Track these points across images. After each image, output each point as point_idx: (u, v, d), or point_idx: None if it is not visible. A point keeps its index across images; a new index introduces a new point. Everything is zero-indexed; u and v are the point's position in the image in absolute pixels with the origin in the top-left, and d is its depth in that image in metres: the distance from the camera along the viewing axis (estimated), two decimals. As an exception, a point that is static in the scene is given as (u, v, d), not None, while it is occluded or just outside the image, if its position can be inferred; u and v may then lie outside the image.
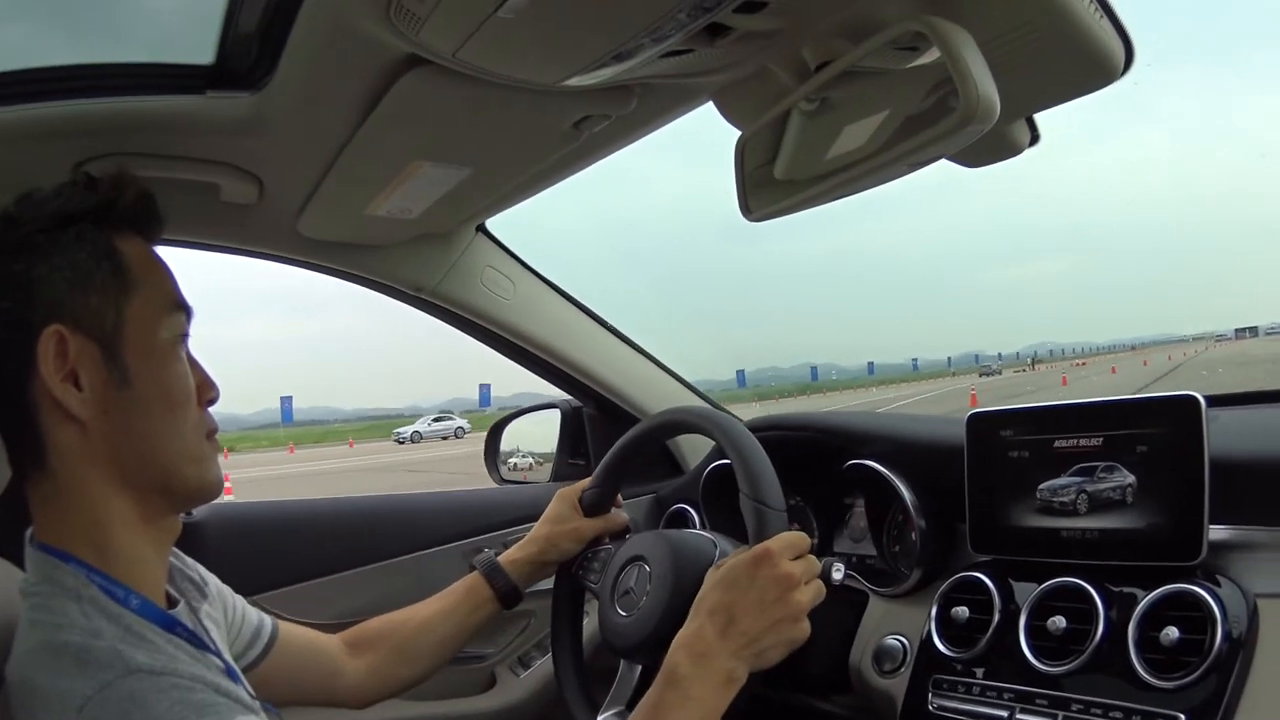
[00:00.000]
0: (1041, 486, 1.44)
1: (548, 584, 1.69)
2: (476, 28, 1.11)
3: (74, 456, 1.04)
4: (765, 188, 1.34)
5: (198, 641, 1.08)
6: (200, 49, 1.42)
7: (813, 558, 1.29)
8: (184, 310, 1.13)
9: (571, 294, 2.32)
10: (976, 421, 1.55)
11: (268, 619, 1.48)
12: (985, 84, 0.98)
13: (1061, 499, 1.42)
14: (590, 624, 1.73)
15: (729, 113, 1.39)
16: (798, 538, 1.29)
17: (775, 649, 1.24)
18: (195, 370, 1.14)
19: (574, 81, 1.26)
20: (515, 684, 2.20)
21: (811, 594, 1.26)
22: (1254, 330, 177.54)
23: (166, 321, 1.10)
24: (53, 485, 1.05)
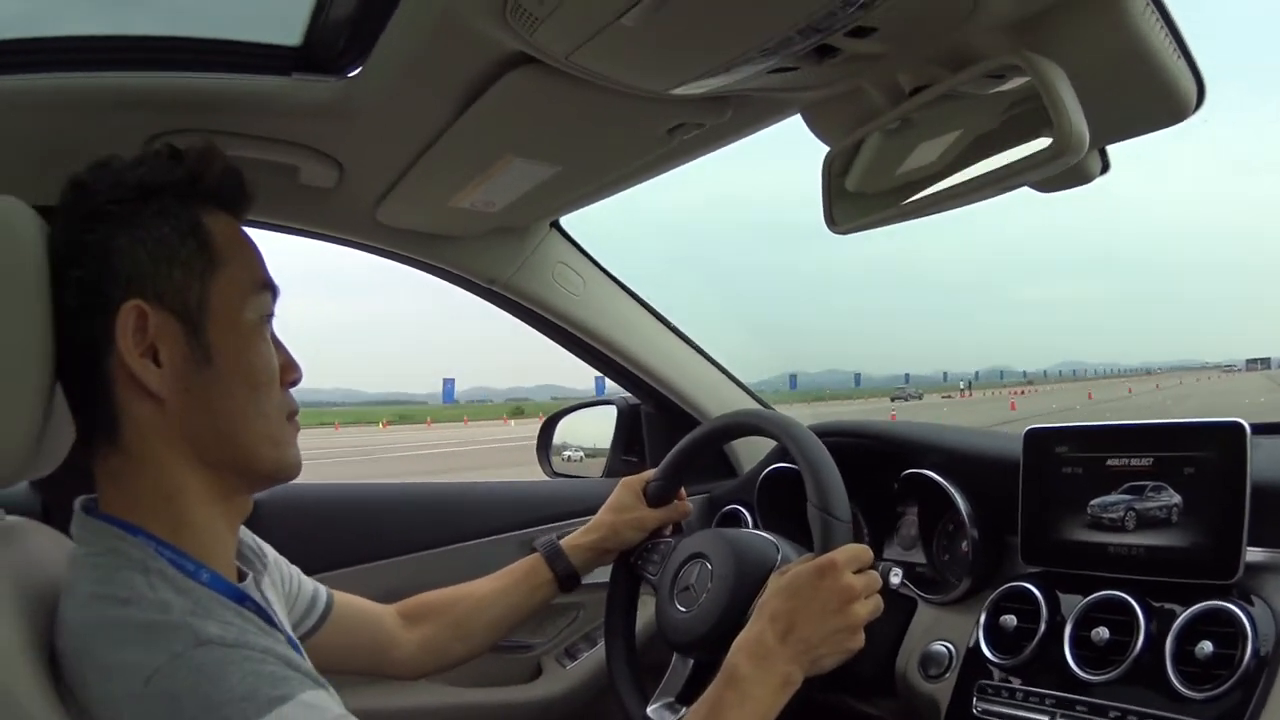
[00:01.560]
0: (1093, 503, 1.49)
1: (597, 576, 1.72)
2: (595, 33, 1.13)
3: (150, 432, 1.03)
4: (850, 202, 1.39)
5: (266, 616, 1.07)
6: (288, 30, 1.42)
7: (874, 573, 1.34)
8: (270, 290, 1.11)
9: (638, 294, 2.35)
10: (1034, 437, 1.59)
11: (323, 589, 1.49)
12: (1078, 118, 1.04)
13: (1111, 515, 1.47)
14: (642, 616, 1.75)
15: (818, 128, 1.44)
16: (862, 551, 1.34)
17: (831, 657, 1.30)
18: (279, 351, 1.12)
19: (679, 90, 1.30)
20: (561, 675, 2.22)
21: (870, 608, 1.32)
22: (1266, 362, 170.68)
23: (252, 301, 1.08)
24: (124, 459, 1.03)
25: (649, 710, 1.56)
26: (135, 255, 1.02)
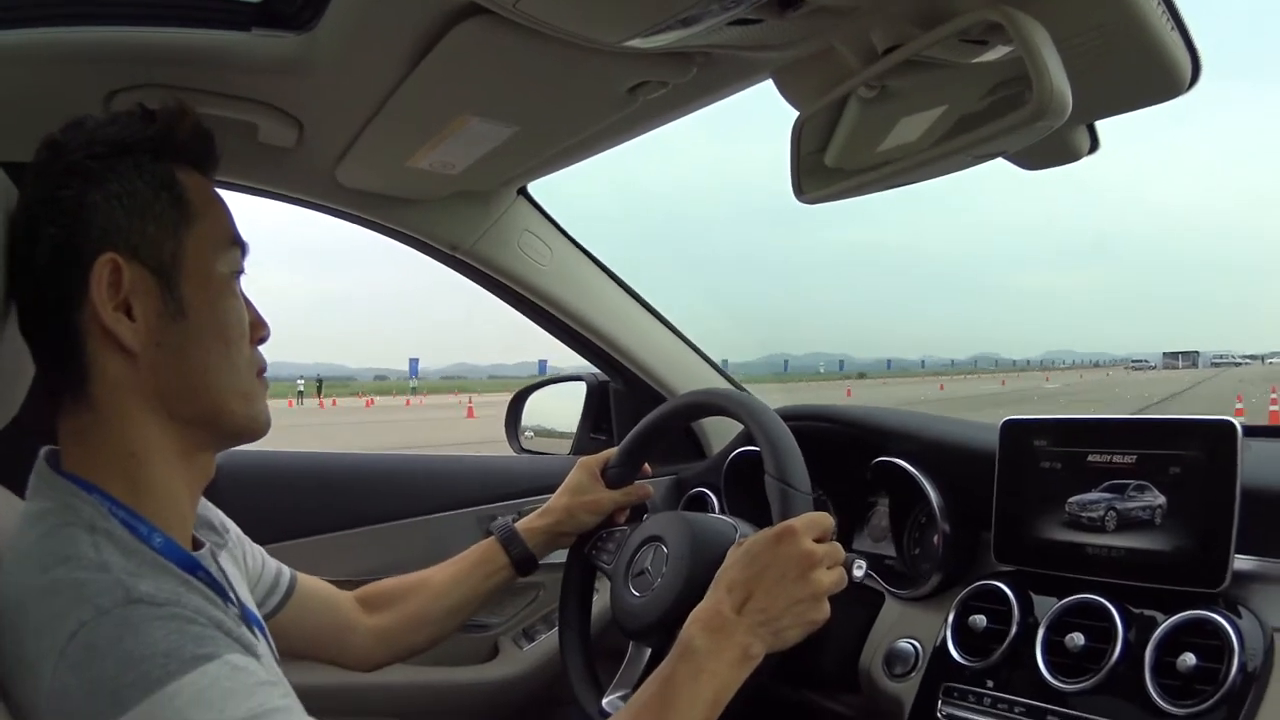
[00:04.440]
0: (1071, 500, 1.42)
1: (558, 557, 1.67)
2: None
3: (119, 387, 1.02)
4: (819, 171, 1.32)
5: (219, 588, 1.05)
6: (248, -17, 1.41)
7: (836, 544, 1.27)
8: (240, 246, 1.12)
9: (609, 267, 2.30)
10: (1011, 429, 1.52)
11: (286, 569, 1.47)
12: (1060, 80, 0.97)
13: (1090, 514, 1.40)
14: (599, 602, 1.70)
15: (788, 92, 1.37)
16: (821, 518, 1.27)
17: (794, 629, 1.21)
18: (249, 309, 1.13)
19: (636, 43, 1.23)
20: (518, 656, 2.19)
21: (834, 578, 1.23)
22: (1191, 357, 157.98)
23: (224, 256, 1.09)
24: (92, 416, 1.02)
25: (604, 702, 1.50)
26: (110, 210, 1.02)
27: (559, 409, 2.60)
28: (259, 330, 1.14)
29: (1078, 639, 1.32)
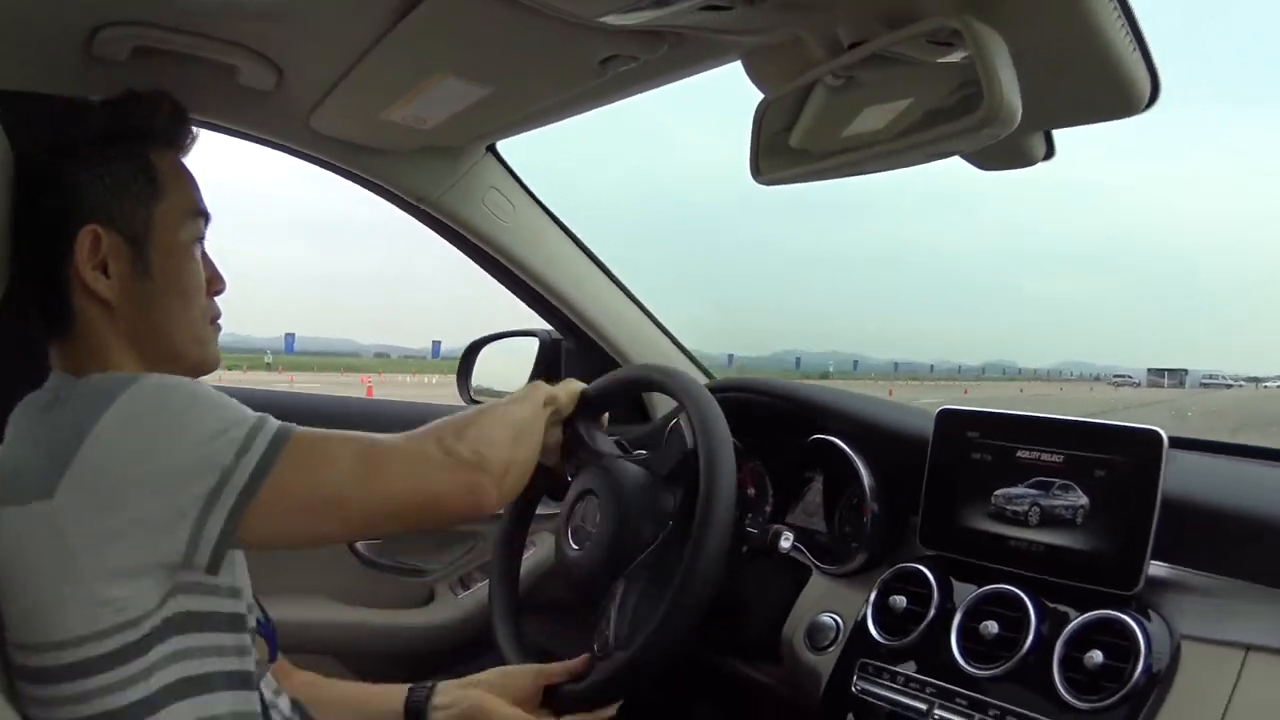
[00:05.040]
0: (997, 493, 1.46)
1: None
2: None
3: (99, 329, 1.22)
4: (779, 154, 1.34)
5: None
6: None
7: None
8: (203, 216, 1.31)
9: (573, 231, 2.32)
10: (946, 417, 1.55)
11: None
12: (1011, 91, 0.99)
13: (1015, 508, 1.43)
14: (533, 556, 1.76)
15: (756, 74, 1.39)
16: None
17: None
18: (207, 265, 1.32)
19: (610, 19, 1.26)
20: (453, 603, 2.22)
21: None
22: (1178, 375, 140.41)
23: (188, 225, 1.28)
24: (76, 348, 1.22)
25: None
26: (96, 189, 1.22)
27: (508, 367, 2.59)
28: (215, 284, 1.34)
29: (991, 627, 1.35)
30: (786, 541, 1.44)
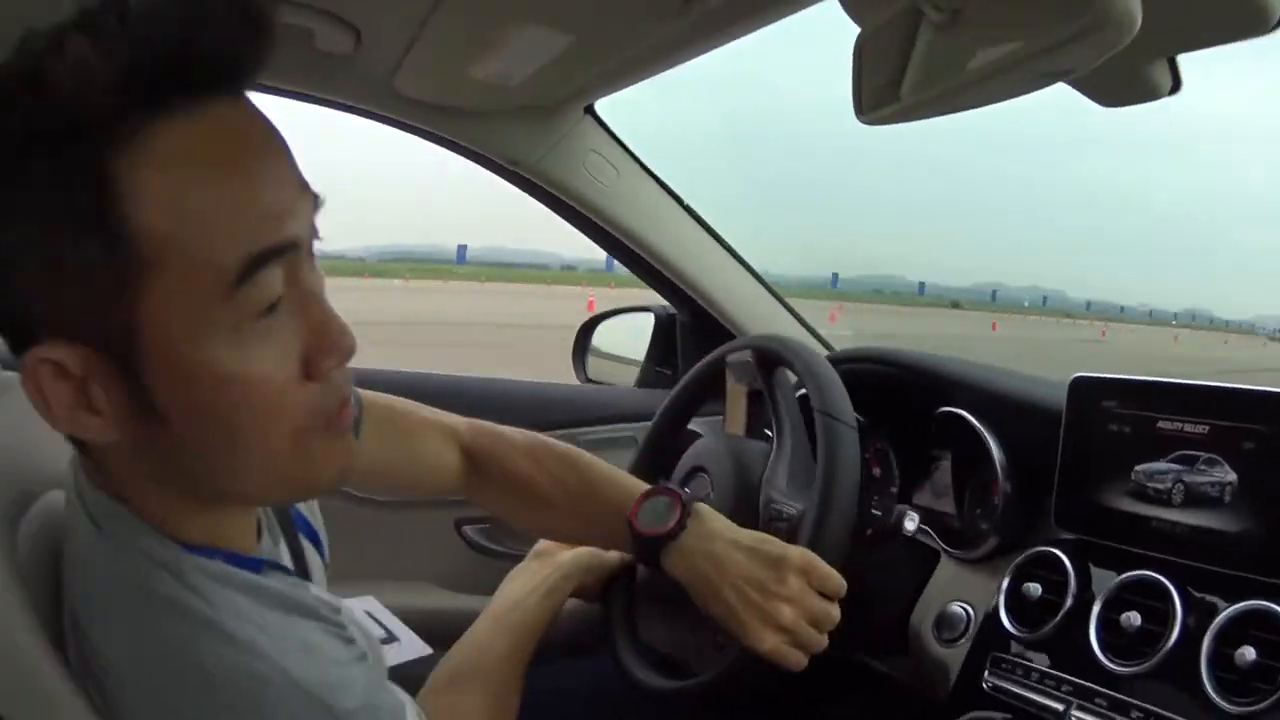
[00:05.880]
0: (1137, 469, 1.31)
1: None
2: None
3: (112, 463, 0.77)
4: (880, 92, 1.24)
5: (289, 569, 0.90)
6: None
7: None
8: (273, 252, 0.70)
9: (680, 194, 2.19)
10: (1080, 387, 1.41)
11: None
12: None
13: (1157, 485, 1.29)
14: None
15: (851, 5, 1.29)
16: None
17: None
18: (309, 318, 0.74)
19: None
20: None
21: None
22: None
23: (229, 299, 0.68)
24: (97, 464, 0.78)
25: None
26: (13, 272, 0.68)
27: (626, 340, 2.53)
28: (325, 356, 0.75)
29: (1134, 619, 1.23)
30: (912, 523, 1.35)
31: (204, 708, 0.72)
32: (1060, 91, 1.16)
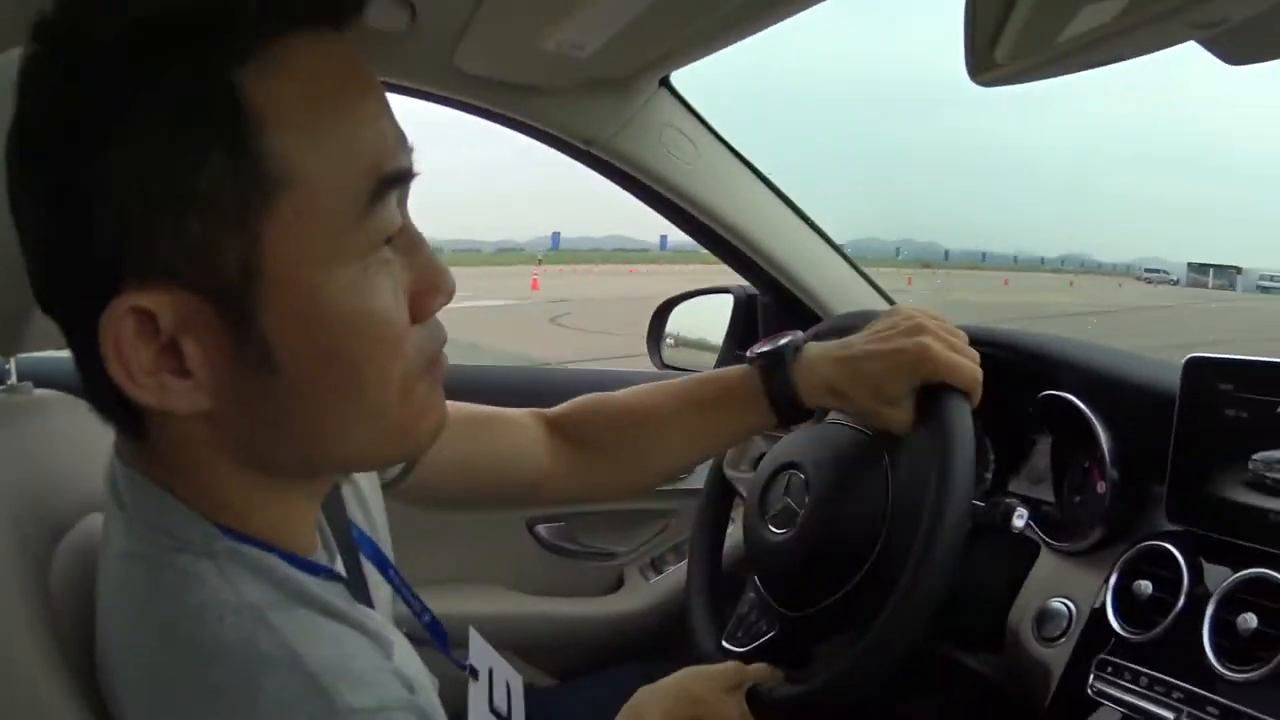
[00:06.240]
0: (1255, 457, 1.20)
1: (694, 483, 1.59)
2: None
3: (183, 440, 0.69)
4: (994, 52, 1.16)
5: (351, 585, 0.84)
6: None
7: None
8: (396, 178, 0.68)
9: (760, 169, 2.09)
10: (1194, 367, 1.30)
11: None
12: None
13: (1276, 475, 1.18)
14: (736, 533, 1.56)
15: None
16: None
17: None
18: (417, 255, 0.71)
19: None
20: (644, 589, 2.11)
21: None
22: (1228, 275, 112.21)
23: (366, 219, 0.66)
24: (151, 448, 0.71)
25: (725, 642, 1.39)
26: (117, 200, 0.62)
27: (705, 323, 2.44)
28: (430, 300, 0.72)
29: (1250, 620, 1.12)
30: (1020, 519, 1.26)
31: (196, 686, 0.66)
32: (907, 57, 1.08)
